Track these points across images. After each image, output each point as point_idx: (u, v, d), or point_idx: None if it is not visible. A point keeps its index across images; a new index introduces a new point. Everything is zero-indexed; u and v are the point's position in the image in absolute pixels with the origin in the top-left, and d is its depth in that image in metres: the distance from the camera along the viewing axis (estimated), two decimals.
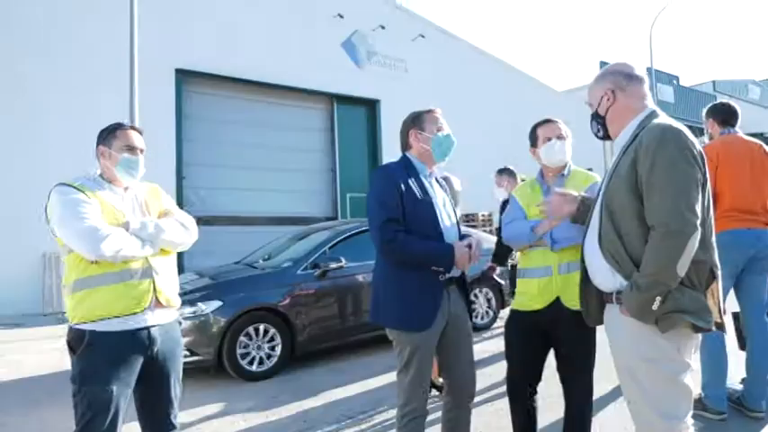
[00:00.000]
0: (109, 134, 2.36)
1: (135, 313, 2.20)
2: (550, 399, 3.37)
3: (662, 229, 1.72)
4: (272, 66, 13.67)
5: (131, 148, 2.36)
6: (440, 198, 2.63)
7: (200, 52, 12.59)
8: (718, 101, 3.95)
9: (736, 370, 3.96)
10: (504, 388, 4.41)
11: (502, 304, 7.08)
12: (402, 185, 2.48)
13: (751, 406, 3.55)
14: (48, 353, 6.67)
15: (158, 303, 2.28)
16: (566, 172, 2.85)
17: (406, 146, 2.69)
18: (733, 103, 3.83)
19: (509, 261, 4.66)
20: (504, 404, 3.76)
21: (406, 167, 2.60)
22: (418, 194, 2.51)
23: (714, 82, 33.96)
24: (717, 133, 3.75)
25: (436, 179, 2.73)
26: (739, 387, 3.79)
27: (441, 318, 2.47)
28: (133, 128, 2.43)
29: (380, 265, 2.56)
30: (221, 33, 12.96)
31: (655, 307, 1.74)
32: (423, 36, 16.77)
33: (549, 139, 2.80)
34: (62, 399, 4.51)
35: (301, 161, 14.82)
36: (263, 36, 13.63)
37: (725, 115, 3.73)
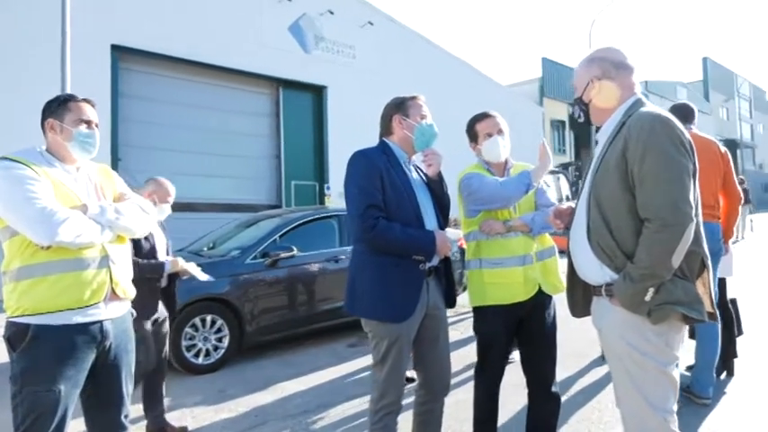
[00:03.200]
0: (60, 106, 2.13)
1: (88, 305, 1.99)
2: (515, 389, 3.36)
3: (657, 222, 1.68)
4: (215, 46, 13.10)
5: (87, 122, 2.14)
6: (420, 186, 2.52)
7: (139, 29, 11.89)
8: (678, 101, 4.12)
9: (684, 358, 4.09)
10: (463, 376, 4.45)
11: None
12: (383, 171, 2.37)
13: (699, 393, 3.67)
14: None
15: (114, 295, 2.08)
16: (509, 166, 2.86)
17: (386, 131, 2.56)
18: (691, 104, 4.00)
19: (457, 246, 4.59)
20: (464, 395, 3.75)
21: (385, 153, 2.49)
22: (399, 181, 2.40)
23: (646, 82, 35.48)
24: None
25: (415, 167, 2.61)
26: (687, 374, 3.93)
27: (420, 309, 2.38)
28: (86, 100, 2.20)
29: (357, 253, 2.45)
30: (162, 10, 12.29)
31: (647, 298, 1.71)
32: (371, 23, 16.54)
33: (490, 135, 2.77)
34: None
35: (245, 146, 14.36)
36: (206, 15, 13.03)
37: (683, 113, 3.85)
